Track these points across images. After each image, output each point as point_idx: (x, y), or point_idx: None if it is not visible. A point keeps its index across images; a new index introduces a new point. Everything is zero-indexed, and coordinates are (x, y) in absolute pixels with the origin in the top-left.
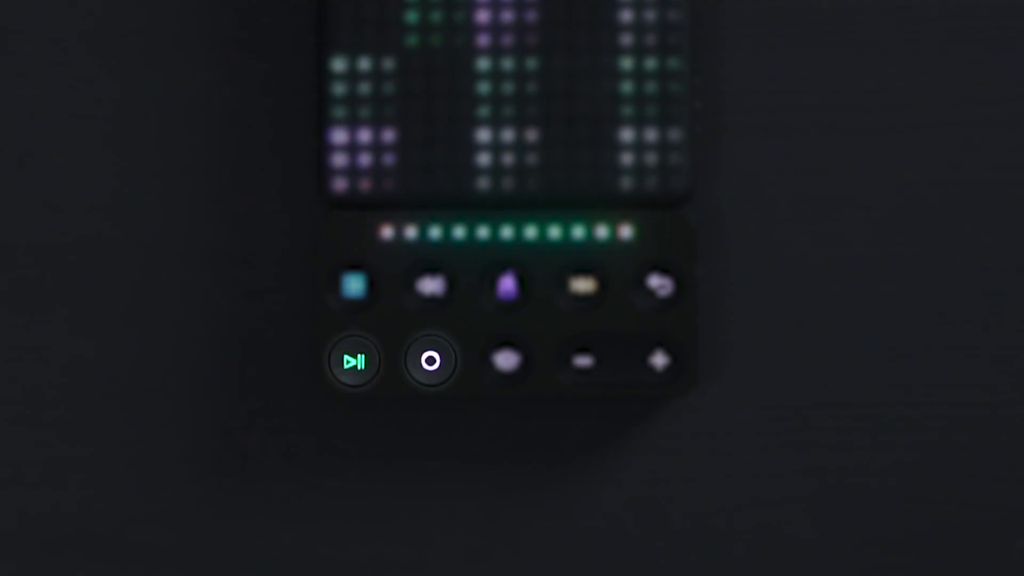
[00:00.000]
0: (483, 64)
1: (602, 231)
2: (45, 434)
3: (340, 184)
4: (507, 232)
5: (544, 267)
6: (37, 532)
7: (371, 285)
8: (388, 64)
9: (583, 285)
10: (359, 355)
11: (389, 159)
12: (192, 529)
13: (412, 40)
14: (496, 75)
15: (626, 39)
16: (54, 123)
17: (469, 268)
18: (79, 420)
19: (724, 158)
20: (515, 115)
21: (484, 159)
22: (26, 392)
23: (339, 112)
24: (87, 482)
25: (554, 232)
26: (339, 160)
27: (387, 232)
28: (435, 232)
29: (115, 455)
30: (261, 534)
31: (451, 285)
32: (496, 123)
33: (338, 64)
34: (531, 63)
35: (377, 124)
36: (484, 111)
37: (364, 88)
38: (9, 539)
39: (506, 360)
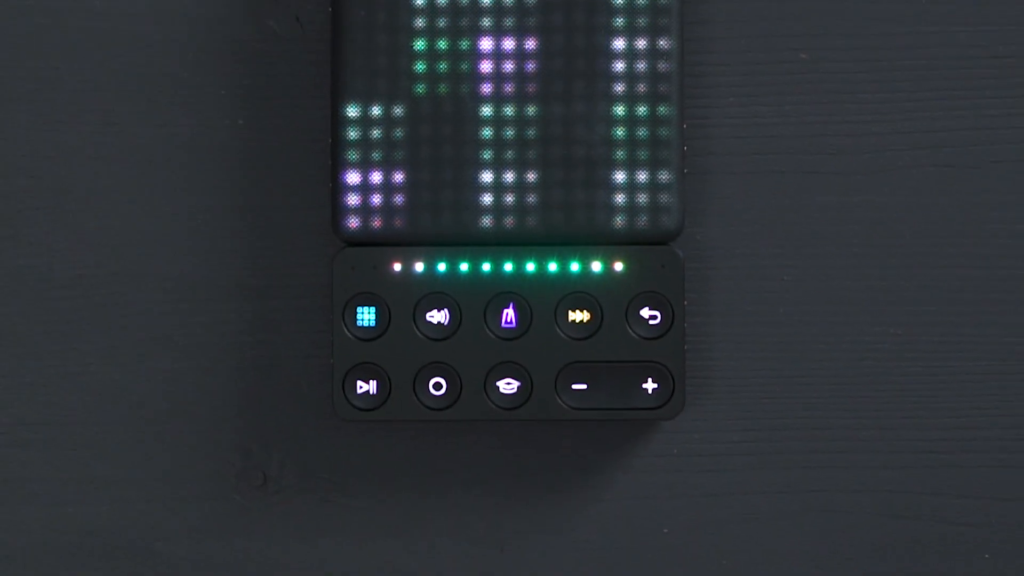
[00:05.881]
0: (486, 111)
1: (596, 266)
2: (80, 453)
3: (353, 222)
4: (508, 266)
5: (543, 299)
6: (72, 544)
7: (382, 316)
8: (398, 111)
9: (579, 316)
10: (371, 381)
11: (398, 199)
12: (216, 541)
13: (420, 88)
14: (498, 121)
15: (619, 88)
16: (89, 165)
17: (473, 300)
18: (111, 441)
19: (711, 198)
20: (516, 158)
21: (487, 199)
22: (62, 415)
23: (352, 155)
24: (119, 498)
25: (552, 266)
26: (352, 200)
27: (397, 266)
28: (441, 266)
29: (145, 473)
30: (279, 547)
31: (456, 316)
32: (498, 166)
33: (351, 111)
34: (531, 110)
35: (387, 166)
36: (487, 154)
37: (375, 133)
38: (46, 550)
39: (507, 385)
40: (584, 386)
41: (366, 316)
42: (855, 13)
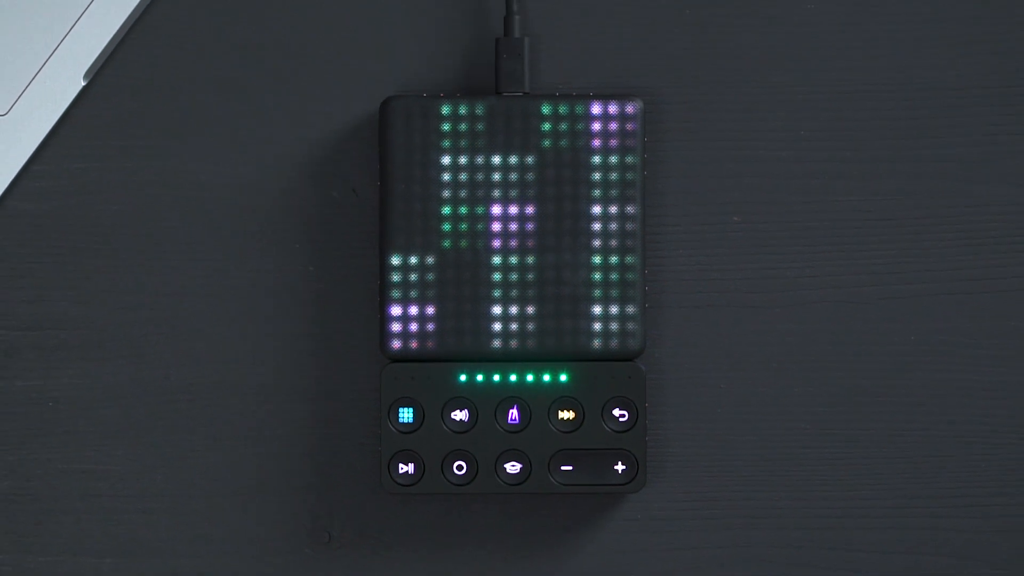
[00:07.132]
0: (496, 260)
1: (579, 376)
2: (191, 518)
3: (396, 344)
4: (513, 377)
5: (539, 401)
6: None
7: (418, 414)
8: (430, 259)
9: (566, 414)
10: (410, 463)
11: (430, 326)
12: None
13: (447, 243)
14: (505, 267)
15: (597, 242)
16: (195, 300)
17: (486, 402)
18: (213, 508)
19: (665, 326)
20: (519, 295)
21: (497, 326)
22: (176, 489)
23: (395, 293)
24: (219, 551)
25: (546, 377)
26: (395, 327)
27: (429, 377)
28: (463, 377)
29: (239, 533)
30: None
31: (474, 414)
32: (505, 301)
33: (395, 259)
34: (530, 259)
35: (422, 302)
36: (497, 293)
37: (413, 276)
38: None
39: (512, 467)
40: (570, 467)
41: (406, 414)
42: (775, 187)
